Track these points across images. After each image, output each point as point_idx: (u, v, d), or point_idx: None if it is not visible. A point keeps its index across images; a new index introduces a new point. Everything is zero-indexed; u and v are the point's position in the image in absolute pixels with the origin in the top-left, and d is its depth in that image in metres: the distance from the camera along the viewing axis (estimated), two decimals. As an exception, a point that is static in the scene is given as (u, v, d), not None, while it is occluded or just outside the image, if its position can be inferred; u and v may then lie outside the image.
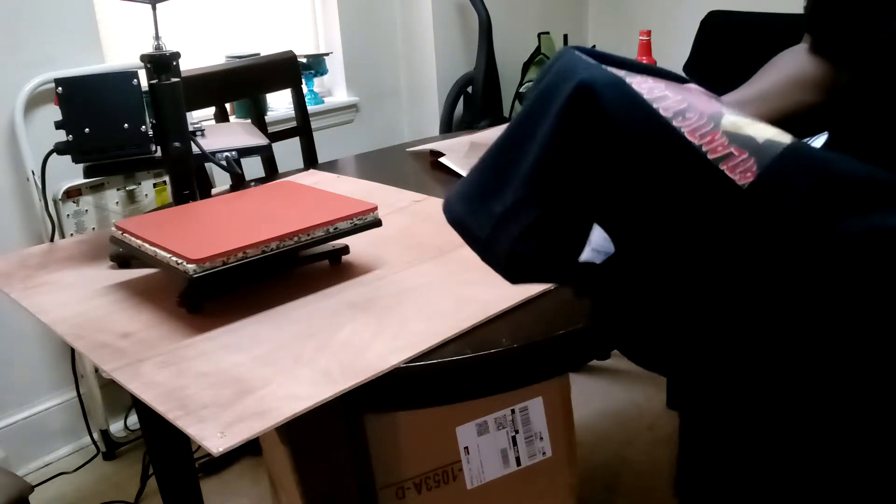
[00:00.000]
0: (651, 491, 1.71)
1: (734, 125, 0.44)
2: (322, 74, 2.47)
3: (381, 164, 1.64)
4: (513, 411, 1.10)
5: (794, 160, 0.42)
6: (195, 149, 1.12)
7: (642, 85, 0.45)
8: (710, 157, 0.43)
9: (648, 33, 1.75)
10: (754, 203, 0.42)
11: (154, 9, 1.08)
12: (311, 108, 2.14)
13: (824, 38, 0.75)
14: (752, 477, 0.54)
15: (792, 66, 0.79)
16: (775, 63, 0.80)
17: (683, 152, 0.44)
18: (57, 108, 1.01)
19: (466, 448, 1.07)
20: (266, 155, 1.55)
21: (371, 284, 0.94)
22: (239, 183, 1.40)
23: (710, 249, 0.45)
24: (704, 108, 0.44)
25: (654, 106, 0.45)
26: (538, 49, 2.72)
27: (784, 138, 0.43)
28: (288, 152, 1.84)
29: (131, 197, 1.84)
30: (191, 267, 0.83)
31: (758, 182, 0.42)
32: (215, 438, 0.64)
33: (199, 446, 0.72)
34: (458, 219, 0.60)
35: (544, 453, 1.14)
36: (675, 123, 0.44)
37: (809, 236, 0.41)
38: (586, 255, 0.52)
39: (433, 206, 1.23)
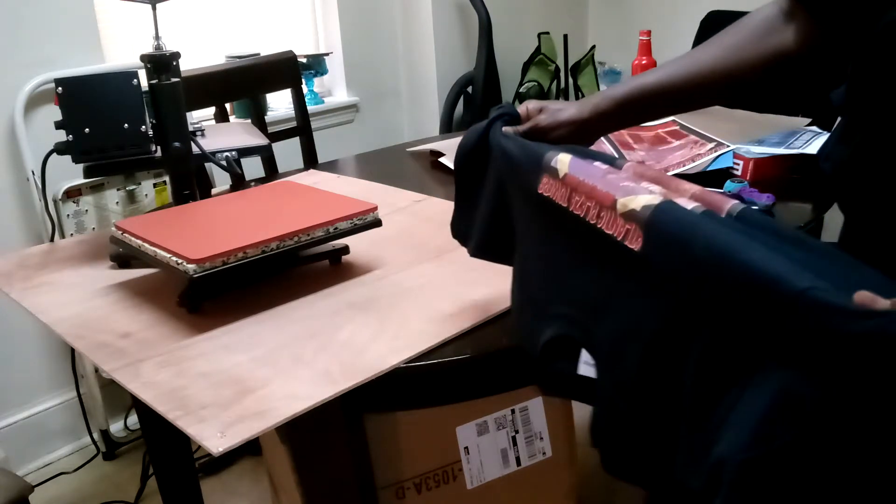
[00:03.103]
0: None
1: (623, 205, 0.54)
2: (322, 74, 2.47)
3: (381, 164, 1.64)
4: (513, 411, 1.10)
5: (662, 216, 0.51)
6: (195, 149, 1.12)
7: (584, 205, 0.60)
8: (618, 239, 0.55)
9: (648, 33, 1.76)
10: (648, 260, 0.52)
11: (154, 9, 1.08)
12: (311, 108, 2.13)
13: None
14: None
15: (762, 15, 0.78)
16: (744, 19, 0.80)
17: (610, 243, 0.56)
18: (57, 108, 1.01)
19: (466, 448, 1.07)
20: (266, 155, 1.55)
21: (371, 284, 0.94)
22: (239, 183, 1.40)
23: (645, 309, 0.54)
24: (604, 200, 0.57)
25: (588, 219, 0.59)
26: (538, 49, 2.72)
27: (655, 200, 0.52)
28: (288, 152, 1.84)
29: (131, 197, 1.84)
30: (191, 267, 0.83)
31: (644, 244, 0.52)
32: (215, 438, 0.64)
33: (199, 446, 0.72)
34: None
35: (544, 453, 1.14)
36: (598, 225, 0.57)
37: (691, 282, 0.49)
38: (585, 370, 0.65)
39: (433, 206, 1.23)
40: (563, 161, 0.63)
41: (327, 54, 2.47)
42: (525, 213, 0.71)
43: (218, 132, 1.31)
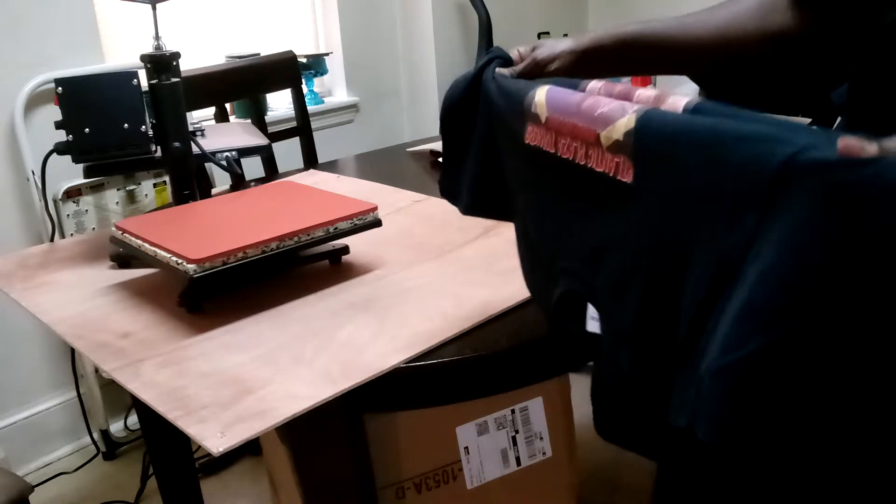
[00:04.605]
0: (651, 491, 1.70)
1: (606, 138, 0.52)
2: (322, 74, 2.47)
3: (381, 164, 1.64)
4: (513, 411, 1.10)
5: (648, 136, 0.49)
6: (195, 149, 1.12)
7: (571, 146, 0.57)
8: (610, 175, 0.52)
9: (648, 33, 1.76)
10: (641, 188, 0.50)
11: (154, 9, 1.08)
12: (311, 108, 2.13)
13: None
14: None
15: None
16: None
17: (603, 181, 0.53)
18: (57, 108, 1.01)
19: (466, 448, 1.07)
20: (266, 155, 1.55)
21: (371, 284, 0.94)
22: (239, 183, 1.40)
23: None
24: (588, 136, 0.54)
25: (577, 160, 0.56)
26: (538, 49, 2.73)
27: (632, 124, 0.49)
28: (288, 152, 1.84)
29: (131, 197, 1.84)
30: (191, 267, 0.83)
31: (635, 173, 0.50)
32: (215, 438, 0.64)
33: (199, 446, 0.72)
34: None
35: (544, 453, 1.14)
36: (589, 165, 0.54)
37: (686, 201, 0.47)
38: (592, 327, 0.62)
39: (433, 206, 1.23)
40: (540, 104, 0.60)
41: (327, 54, 2.47)
42: (517, 165, 0.68)
43: (218, 132, 1.31)
